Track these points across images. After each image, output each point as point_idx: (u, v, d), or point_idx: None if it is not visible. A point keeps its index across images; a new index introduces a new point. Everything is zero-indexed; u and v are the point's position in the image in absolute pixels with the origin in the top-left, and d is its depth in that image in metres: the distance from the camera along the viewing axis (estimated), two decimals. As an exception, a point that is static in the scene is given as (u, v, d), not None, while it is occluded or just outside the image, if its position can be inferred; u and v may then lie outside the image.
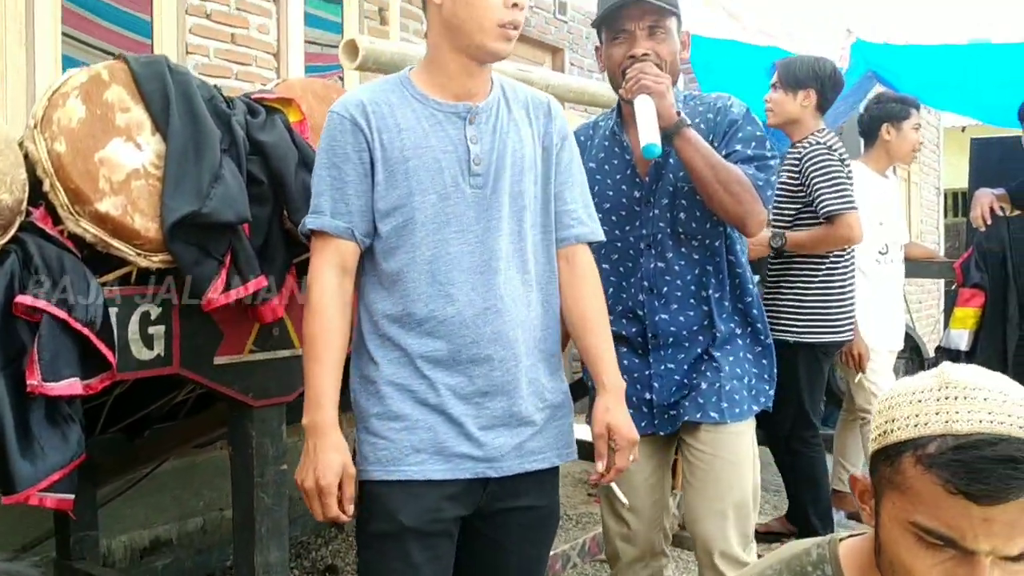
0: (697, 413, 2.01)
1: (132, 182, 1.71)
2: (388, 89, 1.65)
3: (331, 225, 1.59)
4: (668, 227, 2.04)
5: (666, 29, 1.97)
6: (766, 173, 1.98)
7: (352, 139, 1.60)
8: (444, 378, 1.61)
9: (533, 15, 5.86)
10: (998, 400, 0.96)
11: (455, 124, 1.63)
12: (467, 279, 1.60)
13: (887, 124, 3.64)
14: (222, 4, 3.89)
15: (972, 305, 3.78)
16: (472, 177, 1.62)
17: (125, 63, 1.80)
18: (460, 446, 1.61)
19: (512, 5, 1.58)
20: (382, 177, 1.60)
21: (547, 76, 2.90)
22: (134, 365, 1.75)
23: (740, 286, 2.09)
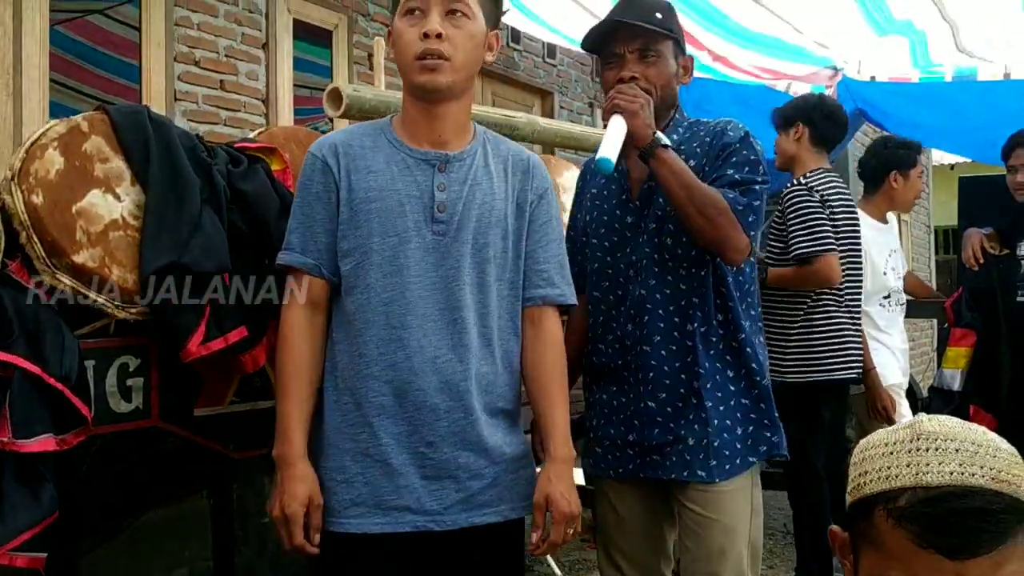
0: (684, 471, 1.90)
1: (110, 233, 1.69)
2: (366, 133, 1.69)
3: (300, 261, 1.64)
4: (654, 252, 1.95)
5: (657, 52, 1.93)
6: (749, 197, 1.86)
7: (322, 178, 1.64)
8: (389, 426, 1.60)
9: (522, 59, 5.92)
10: (970, 451, 0.94)
11: (424, 171, 1.65)
12: (421, 325, 1.60)
13: (896, 172, 3.56)
14: (211, 51, 3.92)
15: (964, 345, 3.78)
16: (435, 224, 1.62)
17: (105, 114, 1.79)
18: (400, 499, 1.59)
19: (423, 36, 1.59)
20: (346, 217, 1.63)
21: (534, 121, 2.91)
22: (111, 419, 1.71)
23: (732, 322, 1.94)
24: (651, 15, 1.92)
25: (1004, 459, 0.95)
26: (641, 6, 1.95)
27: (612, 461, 2.01)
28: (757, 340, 2.00)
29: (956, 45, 3.98)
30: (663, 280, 1.94)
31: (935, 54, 4.17)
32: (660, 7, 1.96)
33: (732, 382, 1.94)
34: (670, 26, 1.94)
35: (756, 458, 1.94)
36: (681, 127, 2.00)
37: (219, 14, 3.97)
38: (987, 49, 4.07)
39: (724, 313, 1.95)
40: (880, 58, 4.40)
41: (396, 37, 1.64)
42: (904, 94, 4.74)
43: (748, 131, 1.95)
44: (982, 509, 0.90)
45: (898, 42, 4.12)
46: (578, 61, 6.43)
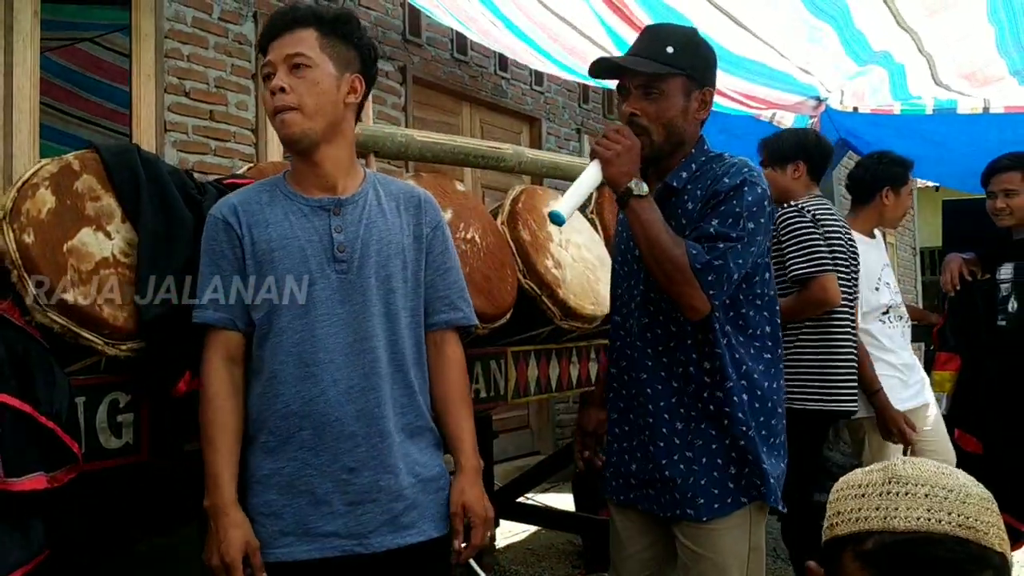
0: (676, 509, 1.90)
1: (101, 271, 1.71)
2: (262, 190, 1.77)
3: (213, 317, 1.70)
4: (648, 290, 1.95)
5: (660, 90, 1.88)
6: (713, 255, 1.79)
7: (225, 237, 1.71)
8: (310, 458, 1.66)
9: (510, 86, 5.97)
10: (939, 497, 0.95)
11: (320, 216, 1.73)
12: (331, 359, 1.67)
13: (889, 188, 3.51)
14: (200, 82, 3.95)
15: (949, 368, 3.80)
16: (337, 263, 1.70)
17: (96, 152, 1.81)
18: (326, 525, 1.66)
19: (272, 94, 1.69)
20: (252, 269, 1.70)
21: (520, 152, 2.94)
22: (102, 455, 1.73)
23: (719, 370, 1.88)
24: (661, 50, 1.88)
25: (973, 505, 0.96)
26: (653, 40, 1.92)
27: (616, 487, 2.05)
28: (766, 386, 1.92)
29: (933, 78, 4.04)
30: (653, 319, 1.95)
31: (913, 87, 4.22)
32: (675, 39, 1.91)
33: (718, 428, 1.90)
34: (678, 61, 1.87)
35: (747, 499, 1.90)
36: (695, 164, 1.94)
37: (209, 45, 4.00)
38: (964, 84, 4.12)
39: (711, 360, 1.89)
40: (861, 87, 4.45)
41: (263, 100, 1.77)
42: (886, 125, 4.80)
43: (748, 178, 1.86)
44: (943, 559, 0.91)
45: (879, 72, 4.17)
46: (565, 88, 6.50)
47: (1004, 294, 3.59)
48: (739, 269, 1.84)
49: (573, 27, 3.99)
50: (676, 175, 1.93)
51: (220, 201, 1.76)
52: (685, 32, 1.97)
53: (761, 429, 1.92)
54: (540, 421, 6.27)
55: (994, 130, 4.45)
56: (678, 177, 1.93)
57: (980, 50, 3.64)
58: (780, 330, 2.01)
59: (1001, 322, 3.60)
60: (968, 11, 3.44)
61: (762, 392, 1.93)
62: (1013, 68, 3.83)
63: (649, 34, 1.96)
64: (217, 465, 1.65)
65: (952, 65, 3.89)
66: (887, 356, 3.43)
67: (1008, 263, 3.59)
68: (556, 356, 2.88)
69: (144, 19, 3.74)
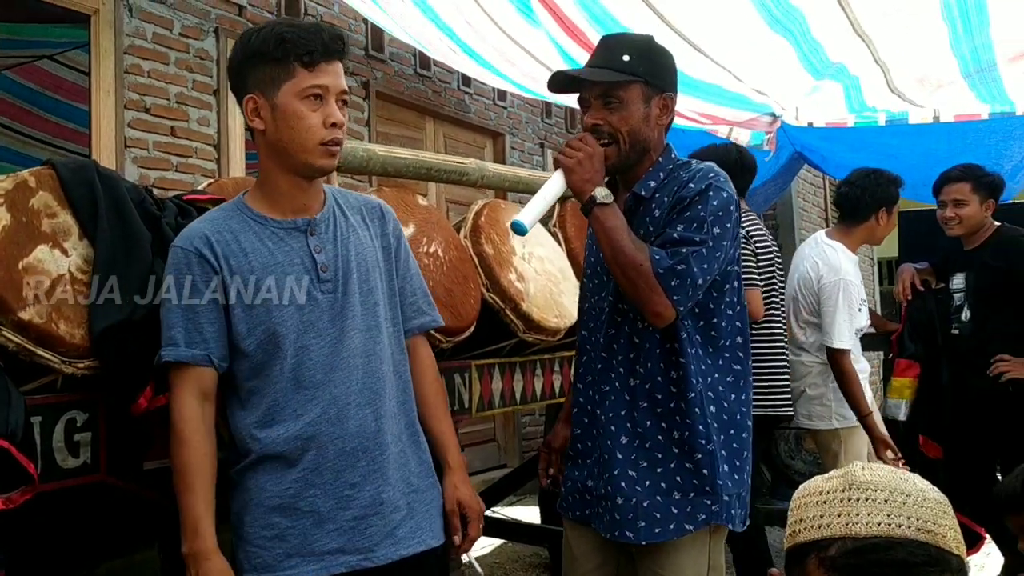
0: (615, 530, 1.87)
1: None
2: (227, 216, 1.71)
3: (188, 355, 1.64)
4: (616, 301, 1.93)
5: (619, 99, 1.87)
6: (675, 259, 1.78)
7: (199, 270, 1.65)
8: (313, 478, 1.66)
9: (473, 102, 6.00)
10: (898, 502, 0.98)
11: (296, 238, 1.71)
12: (327, 379, 1.67)
13: (884, 208, 3.53)
14: (161, 98, 3.93)
15: (908, 375, 3.87)
16: (322, 284, 1.70)
17: (53, 168, 1.80)
18: (331, 543, 1.66)
19: (331, 125, 1.67)
20: (235, 300, 1.65)
21: (483, 167, 2.96)
22: (58, 475, 1.70)
23: (682, 380, 1.85)
24: (617, 58, 1.88)
25: (931, 509, 0.99)
26: (609, 49, 1.92)
27: (571, 503, 2.03)
28: (731, 398, 1.91)
29: (888, 86, 4.12)
30: (619, 330, 1.93)
31: (869, 98, 4.30)
32: (632, 47, 1.91)
33: (675, 443, 1.86)
34: (635, 68, 1.87)
35: (693, 526, 1.85)
36: (663, 172, 1.93)
37: (170, 61, 3.98)
38: (918, 90, 4.20)
39: (677, 370, 1.87)
40: (816, 103, 4.52)
41: (293, 117, 1.65)
42: (839, 139, 4.90)
43: (713, 183, 1.85)
44: (905, 561, 0.95)
45: (833, 87, 4.24)
46: (528, 103, 6.54)
47: (957, 303, 3.68)
48: (704, 275, 1.82)
49: (530, 54, 4.03)
50: (644, 184, 1.93)
51: (187, 232, 1.69)
52: (641, 39, 1.98)
53: (724, 445, 1.89)
54: (506, 434, 6.27)
55: (944, 140, 4.56)
56: (646, 186, 1.92)
57: (934, 50, 3.69)
58: (750, 341, 2.01)
59: (954, 330, 3.69)
60: (922, 10, 3.47)
61: (728, 405, 1.91)
62: (965, 70, 3.88)
63: (604, 45, 1.97)
64: (196, 509, 1.60)
65: (906, 69, 3.94)
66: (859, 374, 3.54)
67: (960, 273, 3.68)
68: (520, 369, 2.89)
69: (103, 35, 3.71)
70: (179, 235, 1.70)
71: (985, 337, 3.55)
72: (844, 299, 3.38)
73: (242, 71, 1.68)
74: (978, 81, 3.96)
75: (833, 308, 3.39)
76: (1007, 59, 3.67)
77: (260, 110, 1.67)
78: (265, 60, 1.64)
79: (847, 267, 3.45)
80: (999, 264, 3.52)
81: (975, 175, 3.58)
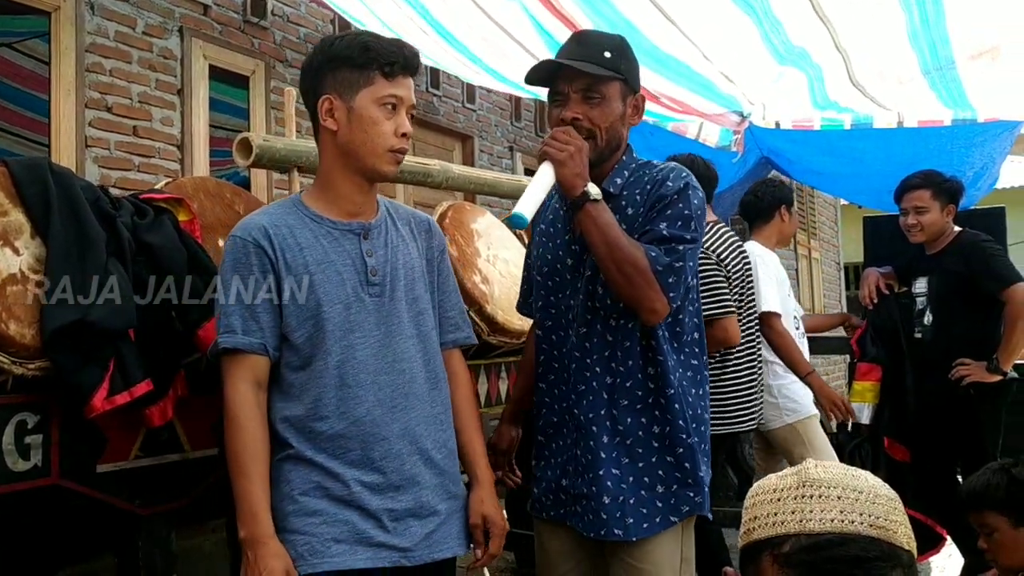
0: (601, 529, 1.87)
1: (8, 288, 1.66)
2: (285, 212, 1.74)
3: (245, 342, 1.65)
4: (587, 300, 1.91)
5: (601, 94, 1.87)
6: (672, 257, 1.81)
7: (257, 260, 1.67)
8: (358, 475, 1.67)
9: (442, 104, 5.99)
10: (851, 499, 0.99)
11: (351, 240, 1.74)
12: (373, 380, 1.70)
13: (784, 206, 3.82)
14: (124, 97, 3.87)
15: (870, 379, 3.91)
16: (370, 287, 1.72)
17: (5, 166, 1.76)
18: (379, 536, 1.68)
19: (402, 135, 1.72)
20: (289, 293, 1.68)
21: (447, 168, 2.95)
22: (8, 478, 1.67)
23: (660, 376, 1.89)
24: (599, 54, 1.87)
25: (882, 505, 1.00)
26: (590, 44, 1.91)
27: (545, 504, 2.01)
28: (693, 393, 1.94)
29: (850, 78, 4.13)
30: (593, 329, 1.92)
31: (831, 90, 4.33)
32: (611, 45, 1.91)
33: (656, 439, 1.89)
34: (617, 66, 1.88)
35: (677, 518, 1.88)
36: (627, 170, 1.94)
37: (132, 60, 3.92)
38: (878, 84, 4.22)
39: (654, 367, 1.89)
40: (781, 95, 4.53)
41: (368, 121, 1.70)
42: (806, 143, 4.96)
43: (690, 182, 1.89)
44: (858, 556, 0.96)
45: (797, 78, 4.25)
46: (497, 106, 6.53)
47: (920, 307, 3.73)
48: (691, 272, 1.87)
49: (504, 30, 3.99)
50: (611, 181, 1.92)
51: (246, 222, 1.72)
52: (616, 38, 1.98)
53: (697, 437, 1.93)
54: (475, 438, 6.25)
55: (908, 145, 4.63)
56: (613, 183, 1.92)
57: (893, 41, 3.71)
58: (704, 340, 2.03)
59: (917, 334, 3.73)
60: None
61: (691, 399, 1.94)
62: (924, 67, 3.91)
63: (582, 40, 1.95)
64: (254, 495, 1.61)
65: (867, 60, 3.96)
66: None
67: (922, 277, 3.73)
68: (485, 371, 2.88)
69: (64, 32, 3.64)
70: (237, 225, 1.72)
71: (946, 341, 3.60)
72: (763, 270, 3.54)
73: (321, 73, 1.72)
74: (938, 80, 4.00)
75: (754, 277, 3.50)
76: (966, 57, 3.71)
77: (335, 111, 1.71)
78: (347, 65, 1.70)
79: (759, 251, 3.64)
80: (960, 269, 3.58)
81: (934, 181, 3.63)
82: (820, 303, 9.84)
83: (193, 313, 1.89)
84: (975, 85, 4.07)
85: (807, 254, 9.44)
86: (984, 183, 4.74)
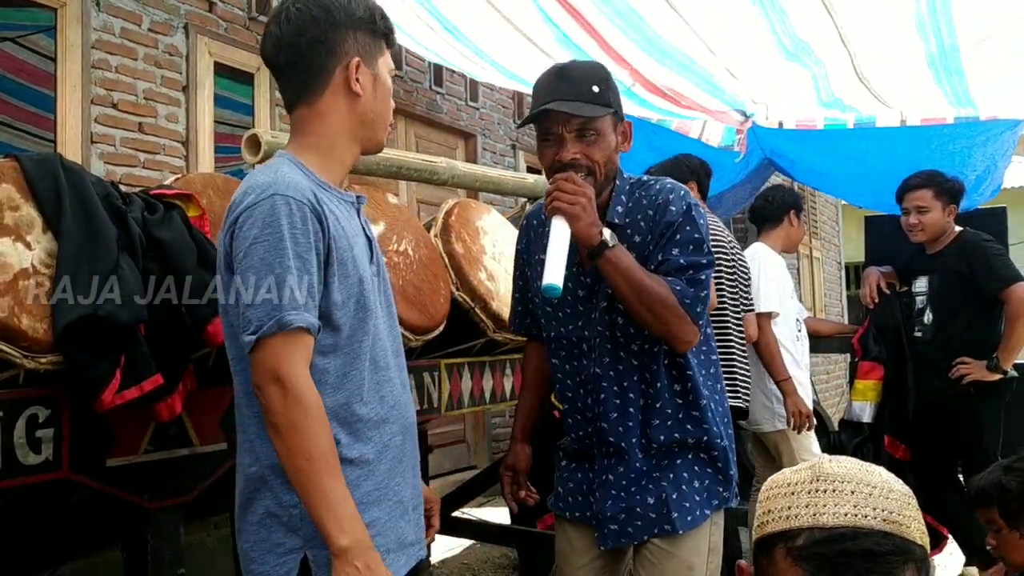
0: (653, 529, 1.91)
1: (20, 282, 1.67)
2: (303, 175, 1.52)
3: (309, 322, 1.41)
4: (606, 330, 1.92)
5: (596, 131, 1.84)
6: (696, 288, 1.83)
7: (312, 227, 1.45)
8: (396, 464, 1.58)
9: (445, 102, 6.00)
10: (864, 493, 1.00)
11: (353, 212, 1.62)
12: (392, 361, 1.62)
13: (794, 211, 3.89)
14: (129, 94, 3.88)
15: (872, 378, 3.93)
16: (372, 264, 1.61)
17: (17, 161, 1.77)
18: (409, 534, 1.60)
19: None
20: (335, 268, 1.49)
21: (453, 166, 2.96)
22: (19, 471, 1.68)
23: (692, 391, 1.92)
24: (587, 90, 1.83)
25: (896, 500, 1.01)
26: (576, 80, 1.85)
27: (572, 503, 2.02)
28: (716, 397, 1.99)
29: (855, 71, 4.11)
30: (616, 357, 1.93)
31: (836, 85, 4.30)
32: (596, 78, 1.86)
33: (691, 449, 1.94)
34: (607, 99, 1.85)
35: (710, 510, 1.94)
36: (623, 195, 1.93)
37: (138, 57, 3.94)
38: (883, 76, 4.19)
39: (683, 383, 1.93)
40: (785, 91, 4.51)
41: (388, 93, 1.63)
42: (809, 142, 4.97)
43: (690, 202, 1.89)
44: (871, 551, 0.96)
45: (802, 76, 4.24)
46: (500, 104, 6.54)
47: (920, 306, 3.75)
48: (710, 293, 1.90)
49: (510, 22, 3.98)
50: (613, 211, 1.91)
51: (292, 182, 1.46)
52: (597, 67, 1.94)
53: (729, 437, 1.99)
54: (476, 435, 6.27)
55: (910, 146, 4.64)
56: (616, 213, 1.92)
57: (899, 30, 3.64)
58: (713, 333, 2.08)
59: (917, 333, 3.75)
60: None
61: (719, 397, 2.00)
62: (930, 57, 3.88)
63: (566, 76, 1.88)
64: (348, 499, 1.40)
65: (872, 52, 3.91)
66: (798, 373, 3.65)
67: (923, 276, 3.75)
68: (490, 368, 2.89)
69: (70, 29, 3.66)
70: (282, 184, 1.45)
71: (946, 340, 3.63)
72: (767, 271, 3.62)
73: (339, 33, 1.54)
74: (942, 72, 3.97)
75: (756, 277, 3.60)
76: (971, 43, 3.68)
77: (361, 77, 1.56)
78: (368, 28, 1.58)
79: (764, 253, 3.71)
80: (961, 268, 3.60)
81: (936, 181, 3.65)
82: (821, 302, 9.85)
83: (202, 308, 1.90)
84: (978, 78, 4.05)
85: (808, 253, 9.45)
86: (987, 188, 4.74)
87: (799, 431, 3.57)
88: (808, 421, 3.56)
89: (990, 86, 4.16)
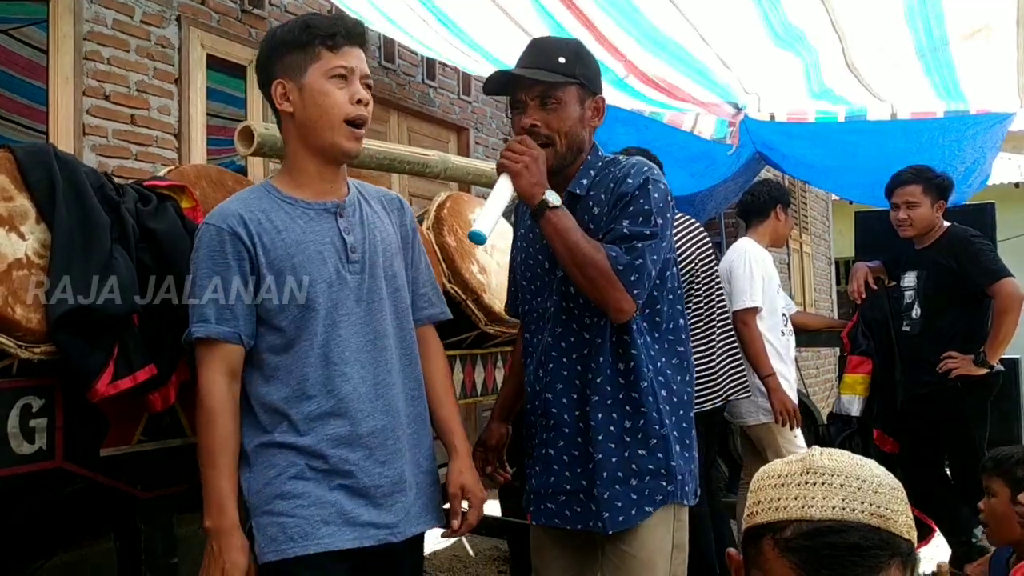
0: (588, 522, 1.92)
1: (14, 272, 1.67)
2: (256, 197, 1.75)
3: (218, 331, 1.66)
4: (561, 300, 1.96)
5: (557, 99, 1.90)
6: (632, 255, 1.82)
7: (232, 248, 1.68)
8: (345, 454, 1.70)
9: (437, 95, 6.00)
10: (853, 487, 1.00)
11: (326, 219, 1.76)
12: (356, 358, 1.73)
13: (780, 206, 3.91)
14: (121, 85, 3.87)
15: (860, 372, 3.96)
16: (350, 264, 1.75)
17: (10, 152, 1.78)
18: (364, 515, 1.70)
19: (356, 102, 1.73)
20: (271, 278, 1.69)
21: (446, 159, 2.97)
22: (13, 460, 1.69)
23: (633, 370, 1.91)
24: (553, 60, 1.89)
25: (885, 494, 1.01)
26: (543, 52, 1.93)
27: (537, 512, 2.05)
28: (677, 380, 1.98)
29: (845, 60, 4.12)
30: (567, 328, 1.96)
31: (827, 75, 4.31)
32: (566, 50, 1.93)
33: (628, 433, 1.91)
34: (572, 70, 1.90)
35: (652, 507, 1.91)
36: (593, 170, 1.96)
37: (130, 48, 3.93)
38: (873, 66, 4.19)
39: (625, 362, 1.92)
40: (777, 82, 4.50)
41: (320, 94, 1.71)
42: (800, 135, 4.99)
43: (650, 176, 1.90)
44: (858, 544, 0.97)
45: (793, 64, 4.25)
46: (492, 98, 6.54)
47: (908, 301, 3.78)
48: (655, 266, 1.88)
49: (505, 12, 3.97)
50: (577, 183, 1.95)
51: (220, 210, 1.72)
52: (572, 43, 2.01)
53: (675, 427, 1.95)
54: (467, 427, 6.26)
55: (900, 140, 4.66)
56: (579, 184, 1.95)
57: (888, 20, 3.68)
58: (688, 325, 2.07)
59: (905, 327, 3.78)
60: None
61: (676, 387, 1.98)
62: (919, 48, 3.88)
63: (537, 48, 1.97)
64: (222, 487, 1.63)
65: (862, 42, 3.91)
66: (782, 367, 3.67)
67: (911, 271, 3.78)
68: (481, 361, 2.91)
69: (62, 20, 3.65)
70: (211, 213, 1.73)
71: (934, 334, 3.65)
72: (752, 266, 3.64)
73: (270, 61, 1.74)
74: (932, 64, 3.98)
75: (741, 272, 3.63)
76: (960, 36, 3.69)
77: (288, 94, 1.73)
78: (291, 47, 1.72)
79: (750, 248, 3.73)
80: (949, 263, 3.62)
81: (925, 177, 3.68)
82: (811, 297, 9.89)
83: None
84: (967, 71, 4.06)
85: (798, 248, 9.48)
86: (975, 179, 4.77)
87: (790, 427, 3.60)
88: (794, 417, 3.58)
89: (979, 77, 4.17)
